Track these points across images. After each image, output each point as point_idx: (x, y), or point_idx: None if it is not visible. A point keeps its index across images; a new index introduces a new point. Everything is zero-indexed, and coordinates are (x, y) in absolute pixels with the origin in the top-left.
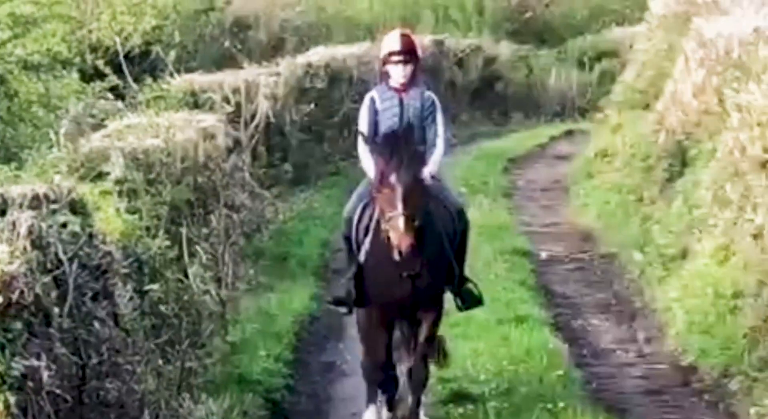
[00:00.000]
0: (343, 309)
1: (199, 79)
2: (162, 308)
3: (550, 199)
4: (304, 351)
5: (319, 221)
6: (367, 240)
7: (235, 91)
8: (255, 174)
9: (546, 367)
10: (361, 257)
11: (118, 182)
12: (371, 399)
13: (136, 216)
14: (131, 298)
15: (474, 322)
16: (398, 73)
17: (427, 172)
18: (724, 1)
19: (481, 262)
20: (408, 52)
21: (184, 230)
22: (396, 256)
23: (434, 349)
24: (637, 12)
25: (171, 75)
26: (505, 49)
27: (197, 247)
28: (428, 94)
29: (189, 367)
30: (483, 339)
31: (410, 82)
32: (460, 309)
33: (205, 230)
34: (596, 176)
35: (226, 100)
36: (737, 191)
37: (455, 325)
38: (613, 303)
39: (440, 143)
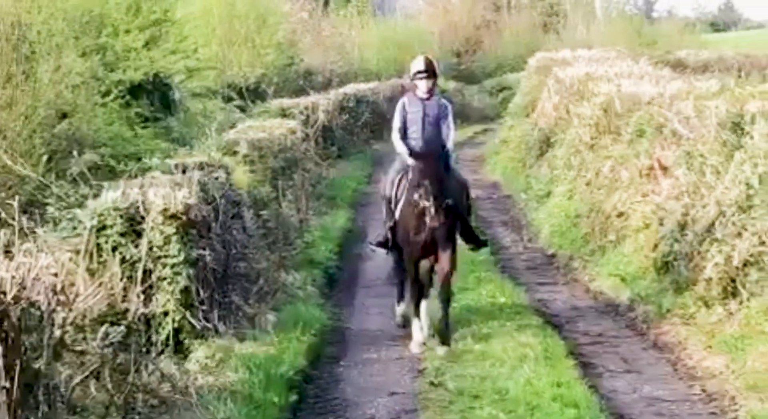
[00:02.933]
0: (382, 250)
1: (286, 102)
2: (269, 224)
3: (475, 166)
4: (345, 247)
5: (351, 178)
6: (401, 201)
7: (306, 107)
8: (317, 152)
9: (474, 254)
10: (397, 213)
11: (244, 156)
12: (406, 296)
13: (254, 174)
14: (252, 218)
15: None
16: (423, 86)
17: (449, 146)
18: (570, 59)
19: None
20: (430, 70)
21: (279, 182)
22: (429, 227)
23: (454, 275)
24: (522, 64)
25: (271, 99)
26: (451, 85)
27: (287, 192)
28: (443, 101)
29: (283, 255)
30: None
31: (431, 93)
32: (472, 249)
33: (290, 182)
34: (500, 153)
35: (301, 112)
36: (577, 161)
37: None
38: (510, 221)
39: (452, 134)
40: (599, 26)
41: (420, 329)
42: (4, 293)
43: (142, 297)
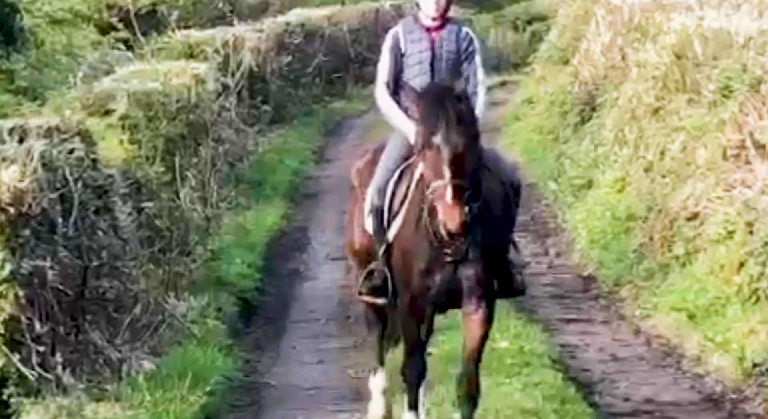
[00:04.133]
0: (380, 300)
1: (195, 34)
2: (157, 222)
3: (484, 138)
4: (273, 260)
5: (291, 153)
6: (401, 215)
7: (225, 44)
8: (240, 113)
9: None
10: (390, 235)
11: (122, 118)
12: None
13: (136, 146)
14: (130, 214)
15: None
16: (430, 5)
17: (477, 112)
18: None
19: None
20: None
21: (177, 159)
22: (445, 236)
23: (483, 353)
24: None
25: (172, 30)
26: (451, 13)
27: (188, 173)
28: (465, 31)
29: (176, 271)
30: None
31: (444, 17)
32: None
33: (194, 159)
34: (522, 119)
35: (217, 52)
36: (633, 133)
37: None
38: (530, 224)
39: (482, 92)
40: None
41: None
42: None
43: None
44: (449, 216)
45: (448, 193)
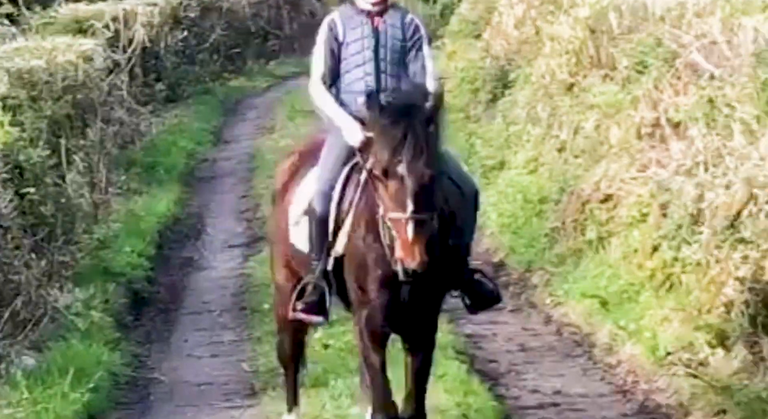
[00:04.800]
0: (317, 319)
1: (83, 8)
2: (40, 209)
3: None
4: (165, 248)
5: (187, 134)
6: (348, 221)
7: (115, 19)
8: (132, 92)
9: None
10: (339, 247)
11: (3, 98)
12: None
13: (19, 128)
14: (11, 200)
15: None
16: None
17: None
18: None
19: None
20: None
21: (63, 141)
22: (401, 276)
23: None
24: None
25: (59, 4)
26: None
27: (74, 156)
28: (411, 17)
29: (60, 261)
30: None
31: (385, 1)
32: (468, 309)
33: (82, 141)
34: None
35: (107, 26)
36: (546, 110)
37: None
38: None
39: (431, 84)
40: None
41: None
42: None
43: None
44: (409, 253)
45: (410, 229)
